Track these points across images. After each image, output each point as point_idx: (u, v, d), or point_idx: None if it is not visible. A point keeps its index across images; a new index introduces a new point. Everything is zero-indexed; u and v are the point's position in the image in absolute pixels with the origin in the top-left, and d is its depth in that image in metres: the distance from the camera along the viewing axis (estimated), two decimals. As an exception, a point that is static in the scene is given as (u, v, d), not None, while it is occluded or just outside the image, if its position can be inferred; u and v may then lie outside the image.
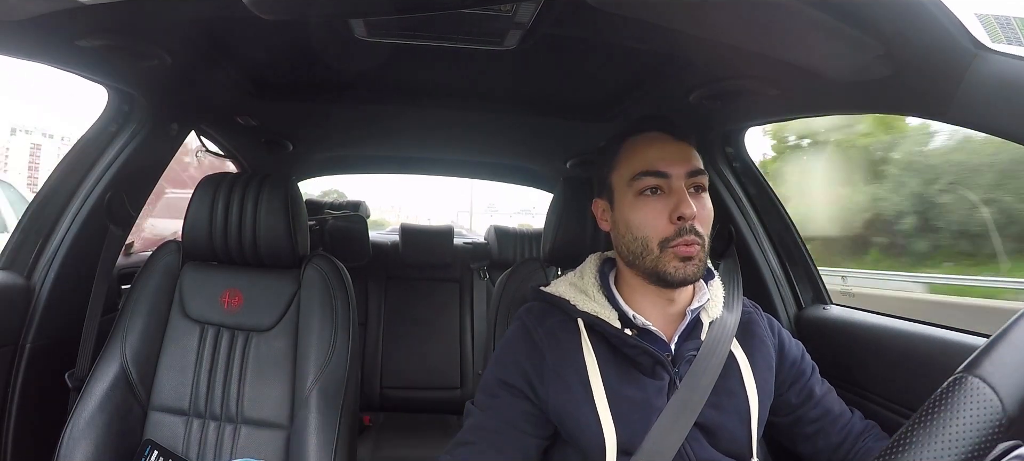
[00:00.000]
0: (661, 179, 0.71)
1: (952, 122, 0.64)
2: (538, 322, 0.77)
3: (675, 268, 0.70)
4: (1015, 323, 0.38)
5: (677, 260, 0.70)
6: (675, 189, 0.71)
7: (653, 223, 0.71)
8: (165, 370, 1.04)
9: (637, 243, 0.73)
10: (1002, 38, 0.55)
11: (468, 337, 2.06)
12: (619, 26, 0.77)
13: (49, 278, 1.07)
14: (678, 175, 0.71)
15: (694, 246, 0.69)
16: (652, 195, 0.72)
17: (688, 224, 0.69)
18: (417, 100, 1.27)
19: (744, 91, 0.91)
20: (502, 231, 2.14)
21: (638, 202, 0.73)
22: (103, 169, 1.13)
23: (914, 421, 0.37)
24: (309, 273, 1.09)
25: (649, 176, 0.72)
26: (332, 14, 0.74)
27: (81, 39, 0.81)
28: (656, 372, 0.71)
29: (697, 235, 0.70)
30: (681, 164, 0.71)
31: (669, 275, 0.70)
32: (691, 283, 0.73)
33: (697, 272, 0.70)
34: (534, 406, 0.73)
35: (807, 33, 0.64)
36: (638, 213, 0.72)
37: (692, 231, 0.69)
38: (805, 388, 0.79)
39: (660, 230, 0.71)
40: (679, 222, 0.69)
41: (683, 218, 0.69)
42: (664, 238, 0.70)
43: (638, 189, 0.73)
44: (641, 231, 0.72)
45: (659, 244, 0.71)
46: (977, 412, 0.35)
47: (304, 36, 0.93)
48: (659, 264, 0.71)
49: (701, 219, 0.70)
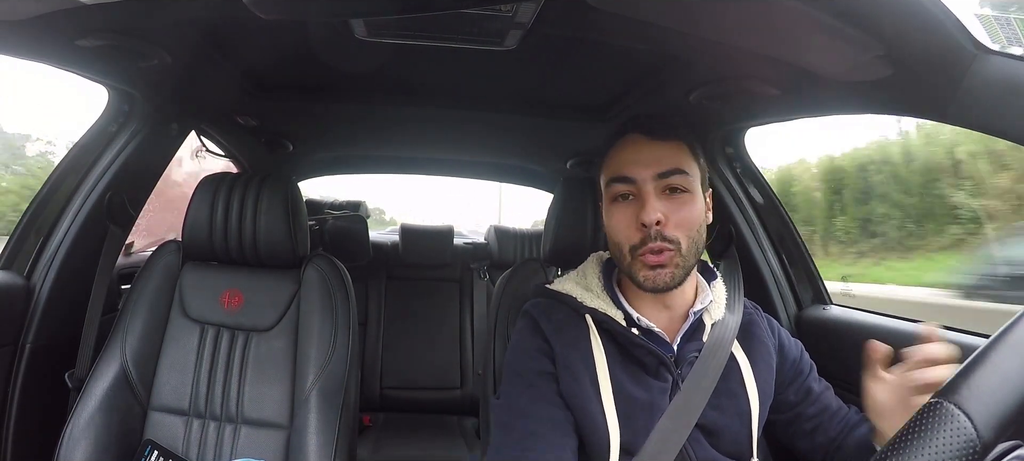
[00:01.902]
0: (629, 185, 0.71)
1: (952, 122, 0.64)
2: (545, 316, 0.76)
3: (644, 276, 0.69)
4: (991, 346, 0.38)
5: (646, 268, 0.69)
6: (642, 193, 0.69)
7: (623, 230, 0.71)
8: (165, 370, 1.04)
9: (615, 248, 0.73)
10: (1002, 38, 0.55)
11: (468, 337, 2.06)
12: (619, 26, 0.77)
13: (49, 278, 1.07)
14: (645, 179, 0.69)
15: (665, 253, 0.68)
16: (623, 201, 0.72)
17: (652, 230, 0.68)
18: (417, 100, 1.27)
19: (744, 91, 0.91)
20: (502, 231, 2.14)
21: (612, 208, 0.73)
22: (103, 169, 1.13)
23: (889, 446, 0.37)
24: (309, 273, 1.09)
25: (617, 182, 0.71)
26: (332, 14, 0.74)
27: (81, 39, 0.81)
28: (660, 373, 0.71)
29: (667, 240, 0.68)
30: (649, 167, 0.70)
31: (641, 282, 0.70)
32: (665, 291, 0.71)
33: (672, 280, 0.69)
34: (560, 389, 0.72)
35: (807, 33, 0.64)
36: (612, 219, 0.73)
37: (659, 237, 0.68)
38: (803, 386, 0.79)
39: (629, 236, 0.70)
40: (643, 229, 0.68)
41: (645, 225, 0.68)
42: (632, 245, 0.70)
43: (611, 195, 0.73)
44: (615, 237, 0.72)
45: (630, 251, 0.70)
46: (951, 439, 0.35)
47: (304, 36, 0.93)
48: (632, 271, 0.71)
49: (675, 223, 0.69)
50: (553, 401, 0.70)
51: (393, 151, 1.89)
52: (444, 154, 1.92)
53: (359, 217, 2.06)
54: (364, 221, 2.06)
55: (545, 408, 0.70)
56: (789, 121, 1.01)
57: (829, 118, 0.92)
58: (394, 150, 1.87)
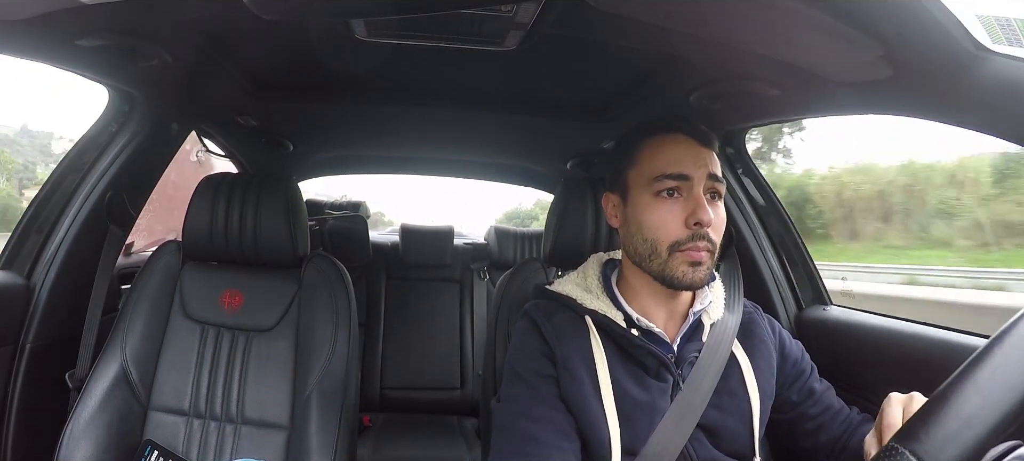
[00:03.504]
0: (682, 182, 0.71)
1: (952, 123, 0.64)
2: (546, 318, 0.76)
3: (683, 273, 0.69)
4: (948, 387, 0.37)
5: (686, 265, 0.69)
6: (694, 194, 0.70)
7: (667, 225, 0.70)
8: (165, 370, 1.04)
9: (647, 245, 0.72)
10: (1003, 39, 0.55)
11: (468, 337, 2.06)
12: (619, 26, 0.77)
13: (49, 278, 1.07)
14: (699, 178, 0.70)
15: (704, 252, 0.69)
16: (669, 197, 0.71)
17: (703, 230, 0.68)
18: (417, 100, 1.27)
19: (744, 92, 0.91)
20: (502, 231, 2.14)
21: (654, 203, 0.72)
22: (103, 169, 1.13)
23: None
24: (309, 273, 1.09)
25: (671, 178, 0.71)
26: (332, 14, 0.74)
27: (81, 39, 0.81)
28: (660, 374, 0.71)
29: (709, 241, 0.69)
30: (703, 168, 0.71)
31: (676, 279, 0.70)
32: (698, 288, 0.72)
33: (705, 278, 0.70)
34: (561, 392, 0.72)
35: (808, 34, 0.64)
36: (653, 214, 0.72)
37: (705, 237, 0.69)
38: (805, 386, 0.80)
39: (673, 233, 0.70)
40: (695, 227, 0.69)
41: (700, 224, 0.68)
42: (675, 241, 0.69)
43: (656, 190, 0.72)
44: (652, 233, 0.71)
45: (669, 247, 0.70)
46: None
47: (304, 36, 0.93)
48: (667, 267, 0.70)
49: (715, 226, 0.70)
50: (554, 404, 0.70)
51: (393, 151, 1.89)
52: (444, 154, 1.92)
53: (359, 217, 2.06)
54: (364, 221, 2.07)
55: (546, 411, 0.70)
56: (789, 121, 1.01)
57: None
58: (394, 150, 1.87)
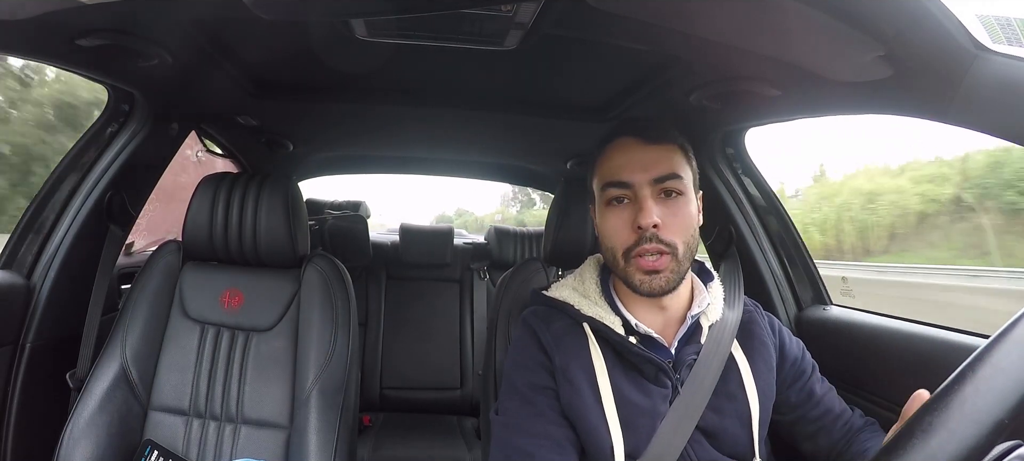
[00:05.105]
0: (624, 189, 0.71)
1: (952, 123, 0.64)
2: (544, 325, 0.76)
3: (640, 281, 0.69)
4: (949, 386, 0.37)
5: (641, 272, 0.69)
6: (639, 197, 0.70)
7: (618, 233, 0.71)
8: (165, 370, 1.04)
9: (608, 253, 0.73)
10: (1003, 39, 0.55)
11: (468, 337, 2.06)
12: (619, 26, 0.77)
13: (49, 278, 1.07)
14: (641, 183, 0.70)
15: (663, 256, 0.68)
16: (618, 205, 0.71)
17: (647, 233, 0.68)
18: (417, 100, 1.27)
19: (744, 92, 0.91)
20: (502, 231, 2.14)
21: (606, 211, 0.73)
22: (103, 169, 1.13)
23: None
24: (309, 273, 1.09)
25: (613, 186, 0.71)
26: (332, 14, 0.74)
27: (81, 38, 0.81)
28: (659, 379, 0.71)
29: (663, 244, 0.68)
30: (646, 171, 0.70)
31: (636, 287, 0.70)
32: (661, 296, 0.71)
33: (668, 284, 0.69)
34: (560, 403, 0.72)
35: (807, 34, 0.64)
36: (607, 222, 0.73)
37: (654, 239, 0.68)
38: (806, 387, 0.79)
39: (624, 239, 0.70)
40: (639, 231, 0.68)
41: (642, 228, 0.68)
42: (627, 247, 0.70)
43: (607, 198, 0.73)
44: (609, 241, 0.72)
45: (623, 254, 0.70)
46: None
47: (304, 36, 0.93)
48: (627, 275, 0.71)
49: (671, 227, 0.69)
50: (552, 418, 0.71)
51: (393, 151, 1.89)
52: (444, 154, 1.92)
53: (359, 217, 2.06)
54: (364, 221, 2.07)
55: (543, 426, 0.70)
56: (789, 121, 1.01)
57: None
58: (394, 150, 1.87)
